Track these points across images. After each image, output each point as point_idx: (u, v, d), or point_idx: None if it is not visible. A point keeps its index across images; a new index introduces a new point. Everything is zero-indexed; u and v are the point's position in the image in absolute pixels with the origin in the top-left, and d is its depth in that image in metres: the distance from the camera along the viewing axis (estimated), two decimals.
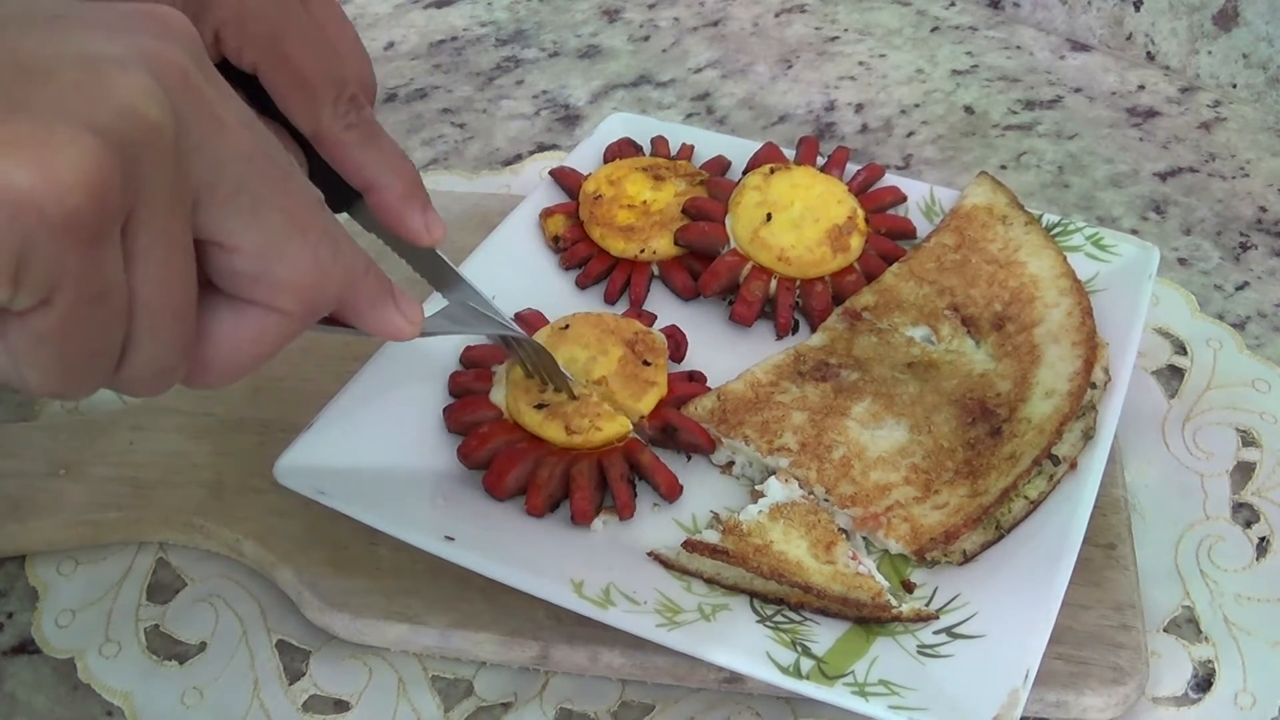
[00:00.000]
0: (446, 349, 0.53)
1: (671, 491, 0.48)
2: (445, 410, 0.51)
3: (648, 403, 0.50)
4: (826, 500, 0.48)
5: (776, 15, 0.89)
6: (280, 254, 0.29)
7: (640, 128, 0.66)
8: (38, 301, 0.24)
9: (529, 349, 0.48)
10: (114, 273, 0.25)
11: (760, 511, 0.46)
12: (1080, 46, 0.83)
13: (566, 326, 0.53)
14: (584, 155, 0.64)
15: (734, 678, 0.45)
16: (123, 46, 0.26)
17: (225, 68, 0.40)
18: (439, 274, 0.47)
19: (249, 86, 0.41)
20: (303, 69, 0.39)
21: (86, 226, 0.24)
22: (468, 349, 0.53)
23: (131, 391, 0.29)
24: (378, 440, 0.49)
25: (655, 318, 0.56)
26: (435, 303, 0.48)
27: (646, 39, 0.86)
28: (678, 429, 0.50)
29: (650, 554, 0.46)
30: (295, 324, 0.31)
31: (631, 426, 0.50)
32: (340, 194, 0.45)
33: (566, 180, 0.62)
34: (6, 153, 0.23)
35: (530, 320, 0.54)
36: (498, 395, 0.51)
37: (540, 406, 0.49)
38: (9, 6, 0.26)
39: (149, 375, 0.28)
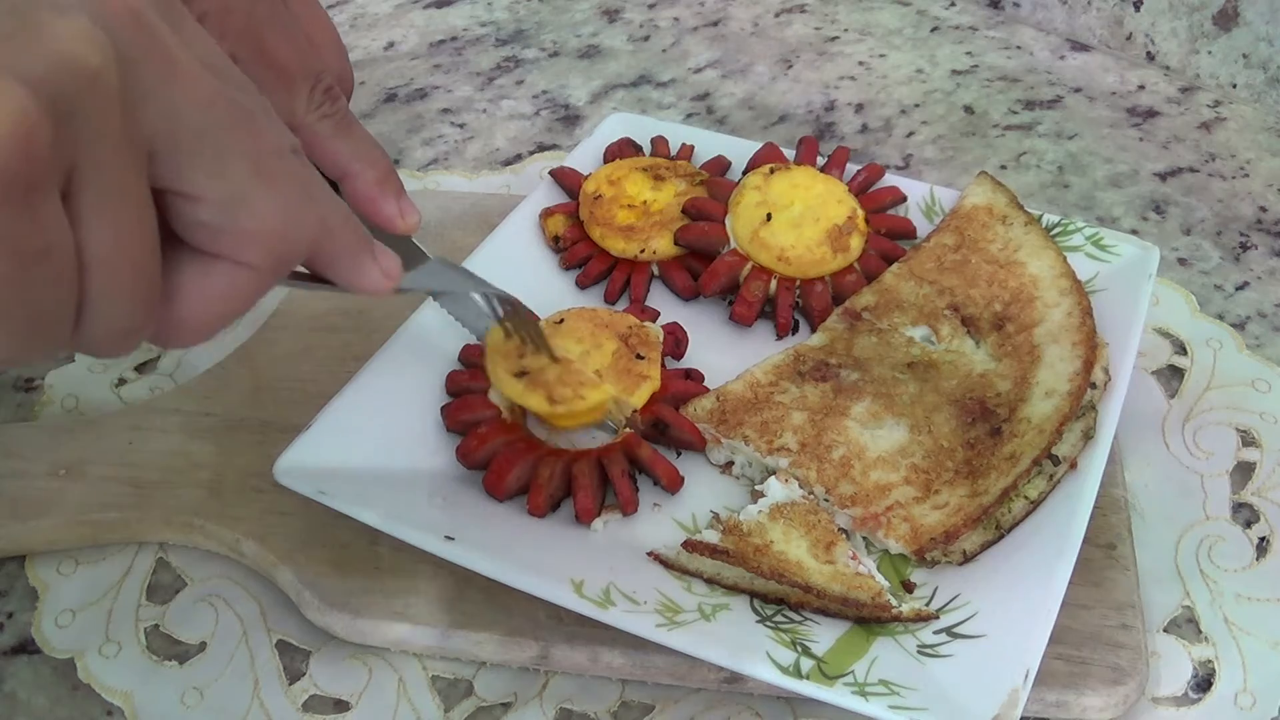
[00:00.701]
0: (445, 349, 0.53)
1: (673, 483, 0.48)
2: (443, 409, 0.51)
3: (640, 396, 0.50)
4: (826, 500, 0.48)
5: (776, 15, 0.89)
6: (246, 203, 0.27)
7: (640, 128, 0.66)
8: None
9: (508, 307, 0.48)
10: (55, 230, 0.24)
11: (760, 511, 0.46)
12: (1080, 46, 0.83)
13: (561, 321, 0.53)
14: (584, 155, 0.64)
15: (734, 678, 0.45)
16: None
17: None
18: (417, 264, 0.48)
19: None
20: (279, 60, 0.39)
21: (15, 184, 0.22)
22: (466, 348, 0.53)
23: (94, 352, 0.27)
24: (378, 440, 0.49)
25: (658, 314, 0.56)
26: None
27: (646, 39, 0.86)
28: (668, 425, 0.50)
29: (650, 554, 0.46)
30: (266, 277, 0.29)
31: (613, 394, 0.49)
32: None
33: (566, 180, 0.62)
34: None
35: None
36: (496, 394, 0.51)
37: (521, 375, 0.48)
38: None
39: (111, 335, 0.27)
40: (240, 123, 0.27)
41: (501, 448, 0.48)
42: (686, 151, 0.64)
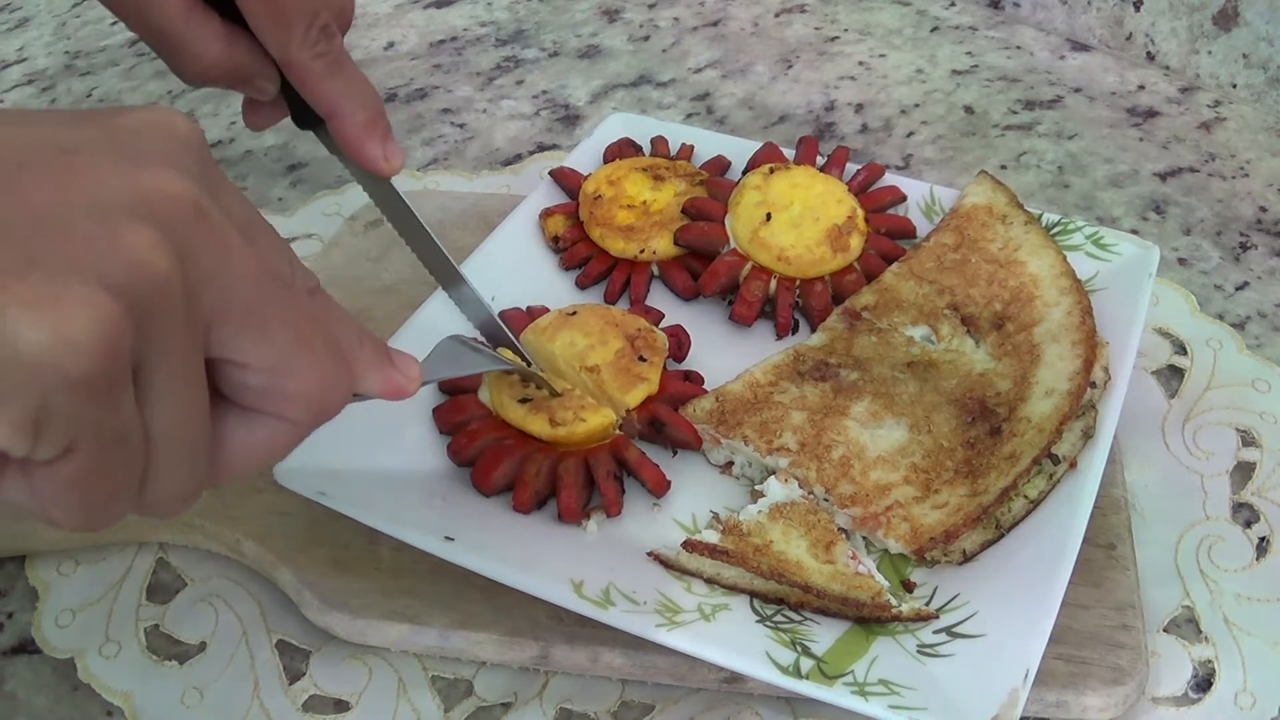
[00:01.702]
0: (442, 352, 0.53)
1: (658, 487, 0.48)
2: (435, 410, 0.51)
3: (635, 397, 0.50)
4: (826, 500, 0.48)
5: (776, 15, 0.89)
6: (290, 370, 0.30)
7: (640, 128, 0.66)
8: (61, 451, 0.25)
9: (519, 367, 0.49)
10: (130, 414, 0.26)
11: (760, 511, 0.46)
12: (1080, 46, 0.83)
13: (574, 313, 0.53)
14: (584, 155, 0.64)
15: (734, 678, 0.45)
16: (131, 188, 0.26)
17: None
18: (395, 209, 0.49)
19: (228, 6, 0.43)
20: None
21: (102, 381, 0.25)
22: None
23: (153, 515, 0.30)
24: (378, 441, 0.49)
25: (663, 315, 0.56)
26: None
27: (646, 39, 0.86)
28: (665, 424, 0.50)
29: (650, 554, 0.46)
30: (305, 430, 0.32)
31: (618, 421, 0.50)
32: (308, 115, 0.47)
33: (566, 180, 0.62)
34: (25, 313, 0.23)
35: (513, 319, 0.54)
36: (485, 394, 0.51)
37: (524, 401, 0.49)
38: (28, 139, 0.27)
39: (171, 500, 0.29)
40: (282, 295, 0.30)
41: (490, 444, 0.49)
42: (686, 151, 0.64)
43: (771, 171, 0.59)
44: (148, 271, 0.26)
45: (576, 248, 0.60)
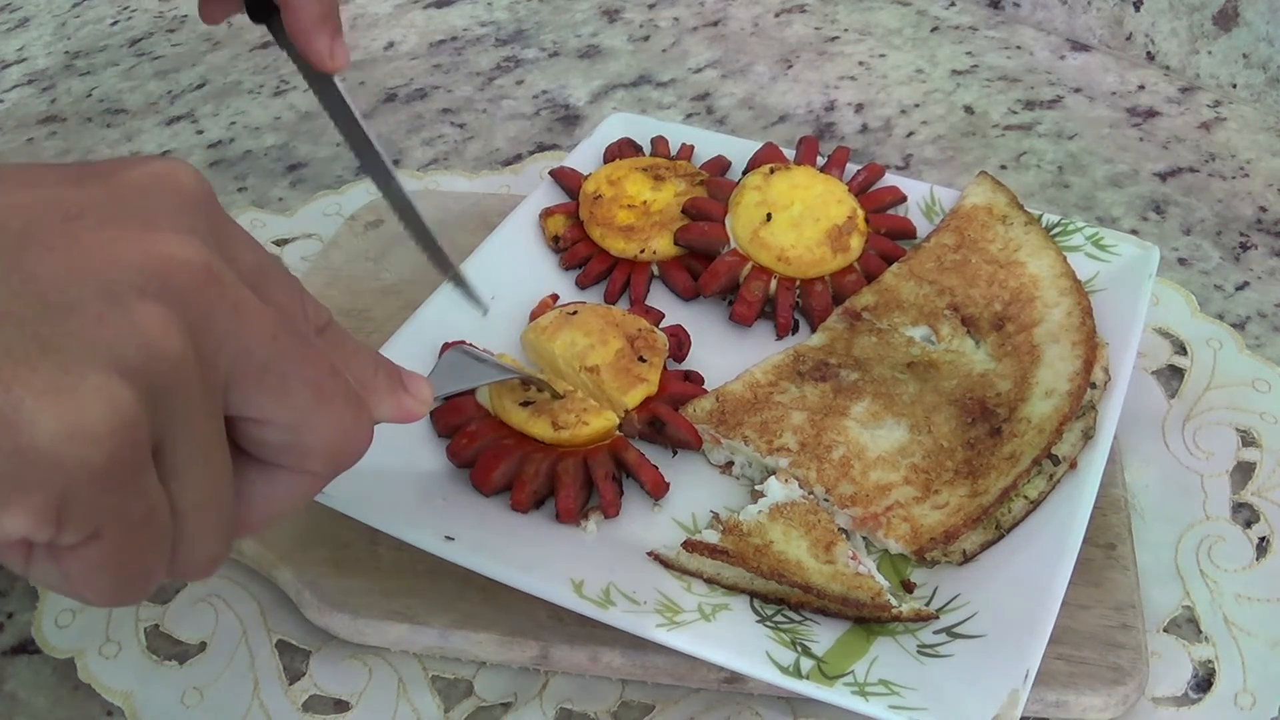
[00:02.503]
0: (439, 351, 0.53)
1: (657, 489, 0.48)
2: (433, 413, 0.51)
3: (634, 397, 0.50)
4: (826, 500, 0.48)
5: (776, 15, 0.89)
6: (309, 425, 0.30)
7: (640, 128, 0.66)
8: (85, 538, 0.25)
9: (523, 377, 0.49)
10: (155, 494, 0.26)
11: (760, 511, 0.46)
12: (1080, 46, 0.83)
13: (575, 312, 0.53)
14: (584, 155, 0.64)
15: (734, 678, 0.45)
16: (140, 257, 0.26)
17: None
18: (337, 109, 0.49)
19: None
20: None
21: (122, 468, 0.24)
22: None
23: (184, 578, 0.30)
24: (378, 440, 0.48)
25: (663, 315, 0.56)
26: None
27: (646, 39, 0.86)
28: (665, 423, 0.50)
29: (650, 554, 0.46)
30: (324, 481, 0.32)
31: (618, 422, 0.50)
32: (262, 7, 0.48)
33: (566, 180, 0.62)
34: (40, 403, 0.23)
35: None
36: (483, 396, 0.51)
37: (525, 404, 0.49)
38: (30, 206, 0.26)
39: (199, 565, 0.29)
40: (298, 351, 0.29)
41: (489, 444, 0.49)
42: (686, 151, 0.64)
43: (772, 172, 0.59)
44: (161, 351, 0.25)
45: (576, 247, 0.60)
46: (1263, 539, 0.50)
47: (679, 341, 0.54)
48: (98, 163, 0.29)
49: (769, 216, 0.57)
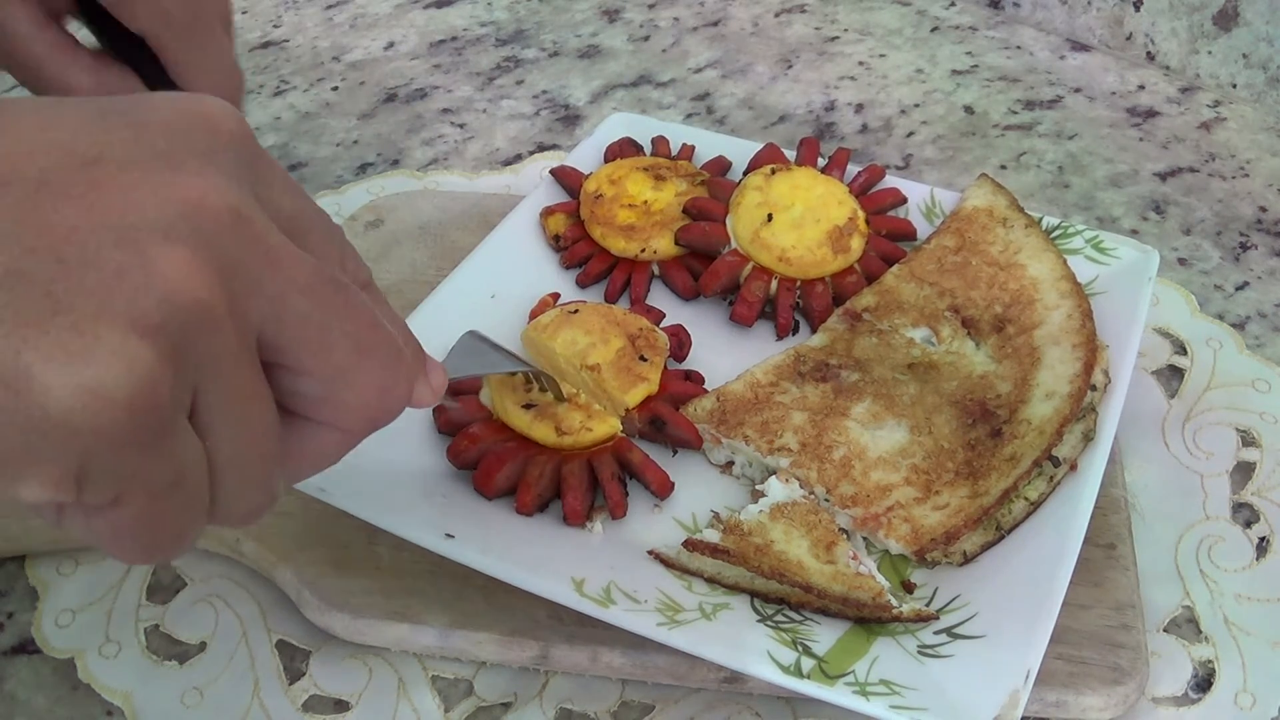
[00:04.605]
0: (445, 346, 0.53)
1: (662, 489, 0.48)
2: (435, 410, 0.51)
3: (634, 396, 0.50)
4: (827, 500, 0.48)
5: (776, 15, 0.89)
6: (347, 380, 0.28)
7: (641, 128, 0.66)
8: (108, 502, 0.24)
9: (533, 377, 0.49)
10: (187, 455, 0.25)
11: (761, 511, 0.46)
12: (1080, 46, 0.83)
13: (576, 311, 0.53)
14: (584, 155, 0.64)
15: (734, 677, 0.45)
16: (163, 202, 0.24)
17: None
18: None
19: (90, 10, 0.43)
20: None
21: (144, 433, 0.23)
22: None
23: (226, 526, 0.29)
24: (379, 438, 0.48)
25: (663, 315, 0.56)
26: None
27: (646, 39, 0.86)
28: (665, 423, 0.50)
29: (651, 553, 0.46)
30: (357, 439, 0.31)
31: (620, 426, 0.50)
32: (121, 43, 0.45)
33: (567, 179, 0.62)
34: (50, 368, 0.22)
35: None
36: (485, 397, 0.51)
37: (528, 407, 0.49)
38: (46, 149, 0.24)
39: (241, 516, 0.28)
40: (337, 301, 0.28)
41: (492, 447, 0.48)
42: (687, 151, 0.64)
43: (773, 172, 0.59)
44: (186, 300, 0.23)
45: (577, 246, 0.60)
46: (1263, 539, 0.50)
47: (679, 341, 0.54)
48: (123, 99, 0.27)
49: (770, 217, 0.57)
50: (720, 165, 0.63)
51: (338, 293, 0.28)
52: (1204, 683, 0.46)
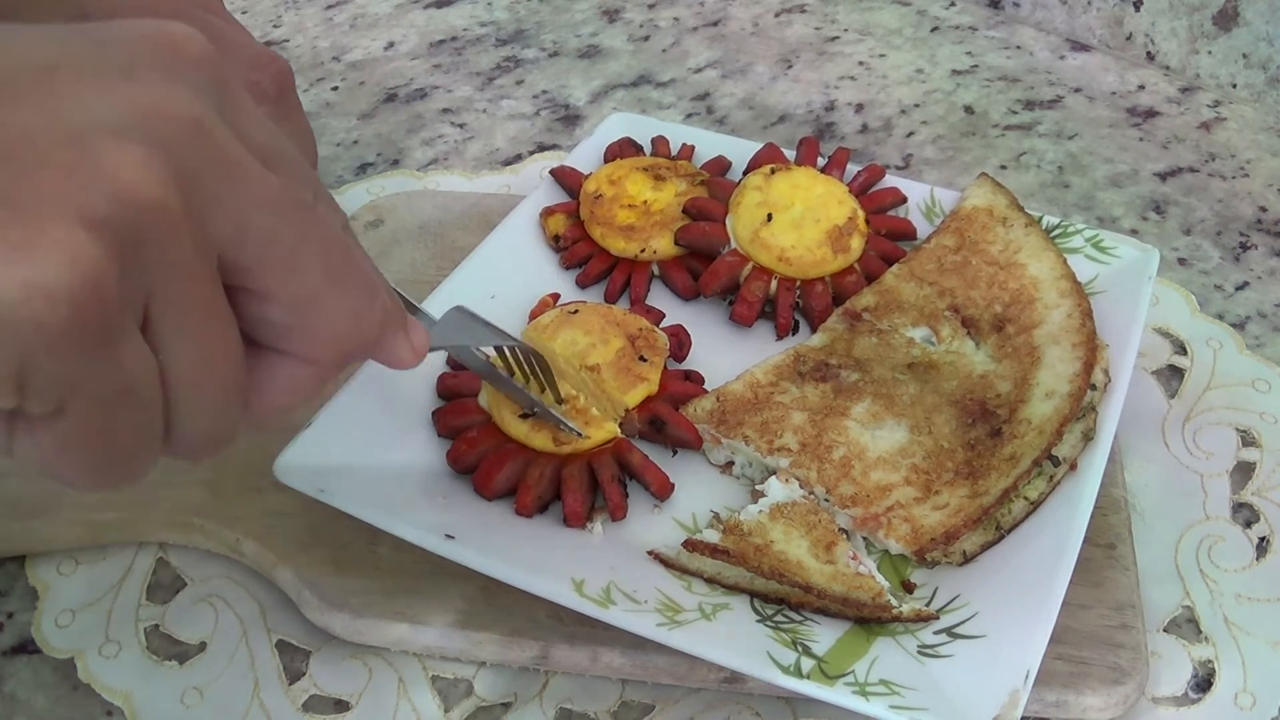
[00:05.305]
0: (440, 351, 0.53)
1: (663, 490, 0.48)
2: (434, 414, 0.51)
3: (634, 397, 0.50)
4: (827, 500, 0.48)
5: (776, 15, 0.89)
6: (316, 305, 0.27)
7: (640, 128, 0.66)
8: (51, 410, 0.23)
9: (522, 353, 0.48)
10: (136, 365, 0.24)
11: (760, 511, 0.46)
12: (1080, 46, 0.83)
13: (575, 311, 0.53)
14: (584, 155, 0.64)
15: (734, 677, 0.45)
16: (120, 106, 0.23)
17: None
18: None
19: None
20: None
21: (88, 333, 0.22)
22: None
23: (183, 456, 0.27)
24: (378, 438, 0.49)
25: (663, 315, 0.56)
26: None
27: (646, 39, 0.86)
28: (665, 423, 0.50)
29: (650, 553, 0.46)
30: (328, 373, 0.29)
31: (619, 430, 0.50)
32: None
33: (567, 179, 0.62)
34: None
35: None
36: (484, 399, 0.51)
37: (526, 416, 0.49)
38: (3, 57, 0.23)
39: (201, 445, 0.27)
40: (307, 223, 0.26)
41: (491, 449, 0.48)
42: (687, 151, 0.64)
43: (773, 172, 0.59)
44: (136, 196, 0.23)
45: (577, 247, 0.60)
46: (1263, 539, 0.50)
47: (679, 341, 0.54)
48: (89, 24, 0.26)
49: (770, 217, 0.57)
50: (720, 165, 0.63)
51: (305, 213, 0.26)
52: (1204, 683, 0.46)
